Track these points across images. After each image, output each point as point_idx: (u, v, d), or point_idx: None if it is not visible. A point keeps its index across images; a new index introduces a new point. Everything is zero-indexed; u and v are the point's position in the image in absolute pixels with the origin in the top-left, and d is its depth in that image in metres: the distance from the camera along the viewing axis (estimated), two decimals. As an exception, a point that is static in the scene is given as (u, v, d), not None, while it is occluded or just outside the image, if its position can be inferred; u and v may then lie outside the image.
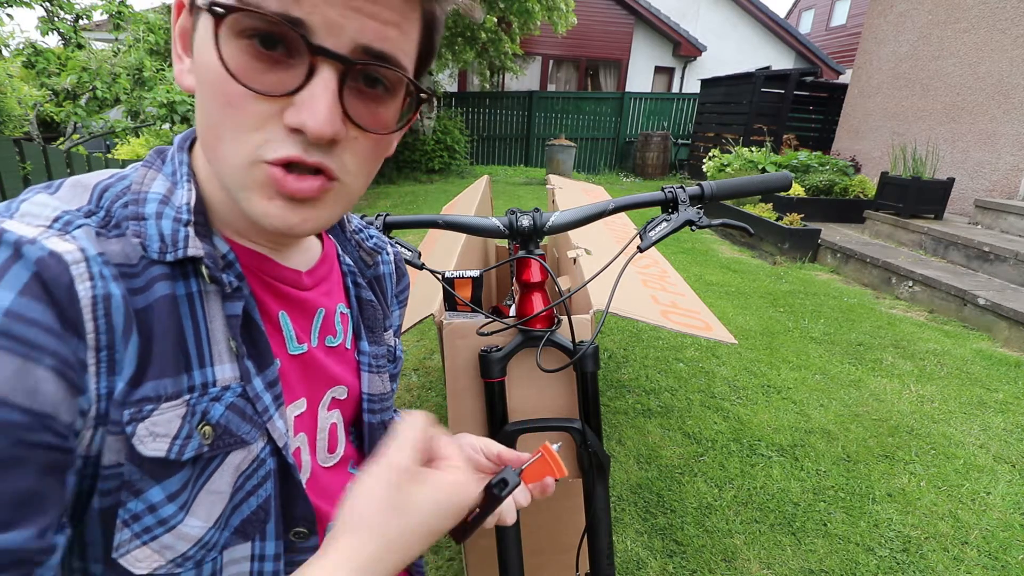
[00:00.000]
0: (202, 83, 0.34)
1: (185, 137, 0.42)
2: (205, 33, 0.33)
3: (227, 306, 0.38)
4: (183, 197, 0.38)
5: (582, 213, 0.81)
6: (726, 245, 5.39)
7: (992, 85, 4.98)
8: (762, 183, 0.81)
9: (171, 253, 0.35)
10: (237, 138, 0.34)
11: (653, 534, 1.69)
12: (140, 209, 0.36)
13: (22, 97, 3.91)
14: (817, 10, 15.98)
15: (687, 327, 0.91)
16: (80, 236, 0.33)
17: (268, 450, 0.40)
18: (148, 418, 0.34)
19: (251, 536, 0.41)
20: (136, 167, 0.40)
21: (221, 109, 0.33)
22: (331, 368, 0.49)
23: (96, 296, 0.31)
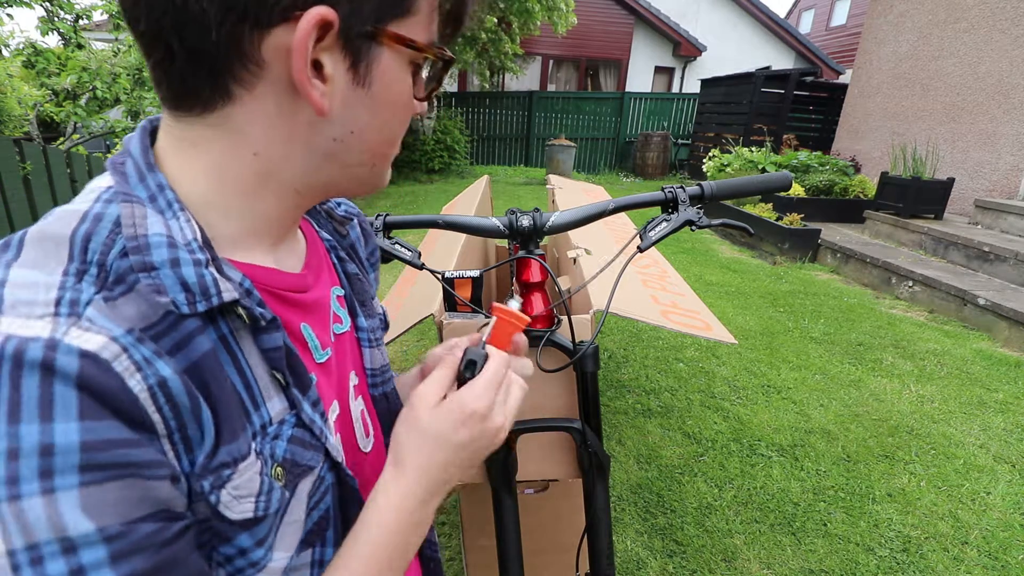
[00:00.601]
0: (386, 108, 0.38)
1: (146, 148, 0.36)
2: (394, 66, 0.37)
3: (263, 339, 0.36)
4: (186, 232, 0.34)
5: (582, 213, 0.81)
6: (726, 245, 5.39)
7: (992, 85, 4.98)
8: (762, 183, 0.81)
9: (202, 303, 0.33)
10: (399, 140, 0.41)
11: (653, 534, 1.69)
12: (147, 259, 0.32)
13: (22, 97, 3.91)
14: (817, 10, 15.99)
15: (687, 327, 0.90)
16: (97, 317, 0.29)
17: (327, 466, 0.42)
18: (228, 483, 0.33)
19: (312, 544, 0.41)
20: (106, 198, 0.34)
21: (402, 124, 0.40)
22: (345, 358, 0.49)
23: (151, 387, 0.29)
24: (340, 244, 0.53)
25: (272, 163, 0.36)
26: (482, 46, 9.09)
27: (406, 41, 0.36)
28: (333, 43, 0.33)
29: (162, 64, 0.33)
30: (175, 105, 0.35)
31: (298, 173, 0.38)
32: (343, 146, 0.37)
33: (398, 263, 0.81)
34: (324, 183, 0.39)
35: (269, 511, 0.36)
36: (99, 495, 0.26)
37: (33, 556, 0.25)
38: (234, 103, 0.34)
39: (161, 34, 0.32)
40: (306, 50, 0.32)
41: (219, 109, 0.34)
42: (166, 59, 0.32)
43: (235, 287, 0.34)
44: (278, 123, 0.35)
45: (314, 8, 0.31)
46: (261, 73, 0.33)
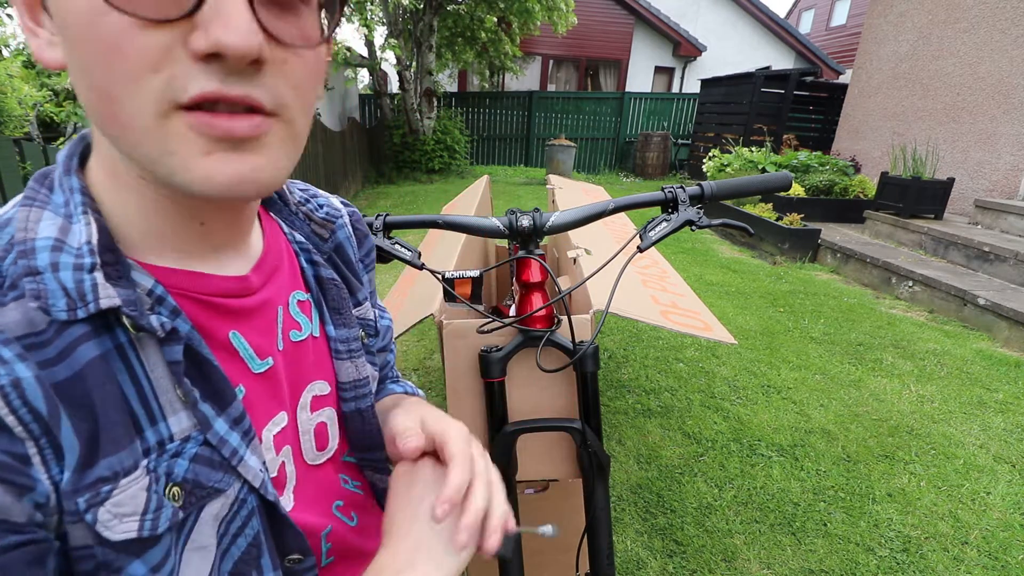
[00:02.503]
0: (75, 40, 0.27)
1: (70, 154, 0.34)
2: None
3: (165, 351, 0.33)
4: (81, 235, 0.31)
5: (582, 213, 0.81)
6: (726, 245, 5.40)
7: (992, 85, 4.98)
8: (762, 183, 0.81)
9: (81, 309, 0.30)
10: (135, 90, 0.27)
11: (653, 534, 1.69)
12: (32, 263, 0.30)
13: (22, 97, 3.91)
14: (817, 10, 15.99)
15: (687, 327, 0.91)
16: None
17: (246, 489, 0.37)
18: (108, 500, 0.30)
19: (247, 574, 0.38)
20: (15, 205, 0.32)
21: (106, 58, 0.26)
22: (303, 367, 0.45)
23: (3, 386, 0.27)
24: (318, 247, 0.49)
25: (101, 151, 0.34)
26: (482, 46, 9.09)
27: None
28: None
29: None
30: None
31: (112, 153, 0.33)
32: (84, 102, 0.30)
33: (398, 263, 0.81)
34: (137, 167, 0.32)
35: (157, 531, 0.32)
36: None
37: None
38: None
39: None
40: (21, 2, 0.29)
41: None
42: None
43: (127, 296, 0.31)
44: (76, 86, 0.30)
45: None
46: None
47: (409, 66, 8.30)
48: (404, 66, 8.18)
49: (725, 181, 0.79)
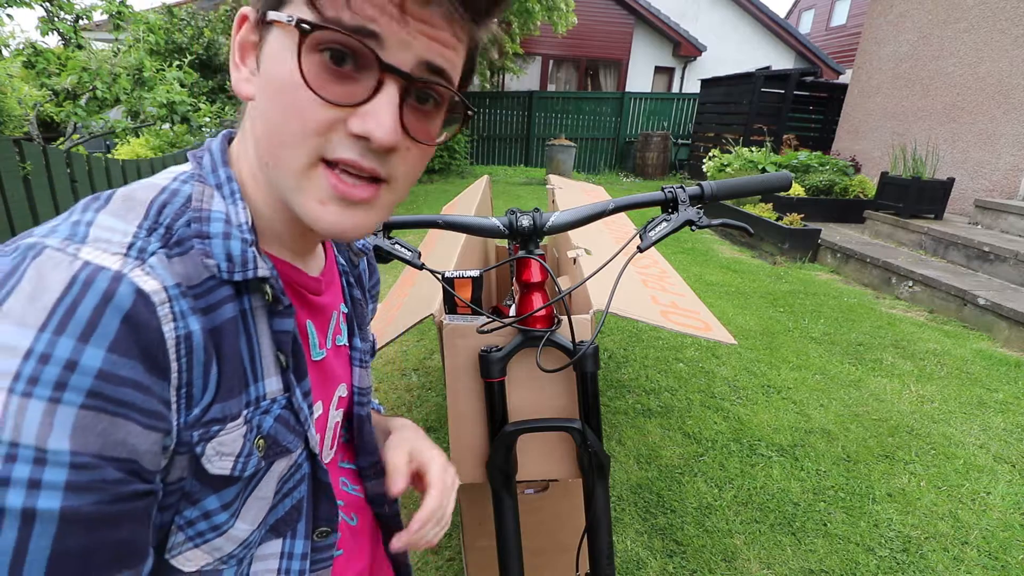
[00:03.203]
0: (272, 92, 0.36)
1: (222, 148, 0.42)
2: (279, 46, 0.35)
3: (277, 322, 0.40)
4: (241, 216, 0.38)
5: (582, 213, 0.81)
6: (726, 245, 5.40)
7: (992, 85, 4.98)
8: (762, 183, 0.81)
9: (240, 273, 0.36)
10: (301, 142, 0.35)
11: (653, 534, 1.69)
12: (205, 228, 0.36)
13: (22, 97, 3.91)
14: (817, 10, 15.98)
15: (687, 327, 0.91)
16: (157, 266, 0.33)
17: (304, 455, 0.44)
18: (215, 438, 0.36)
19: (283, 534, 0.44)
20: (183, 178, 0.39)
21: (291, 116, 0.35)
22: (338, 368, 0.52)
23: (179, 337, 0.33)
24: (351, 272, 0.57)
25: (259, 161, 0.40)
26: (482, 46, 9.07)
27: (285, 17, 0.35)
28: (249, 29, 0.38)
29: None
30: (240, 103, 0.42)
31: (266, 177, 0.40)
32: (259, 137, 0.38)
33: (398, 263, 0.81)
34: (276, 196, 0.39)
35: (244, 474, 0.38)
36: (90, 422, 0.28)
37: (10, 453, 0.26)
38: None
39: None
40: (235, 39, 0.37)
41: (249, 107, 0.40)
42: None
43: (272, 271, 0.39)
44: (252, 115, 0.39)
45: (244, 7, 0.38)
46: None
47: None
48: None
49: (725, 181, 0.79)
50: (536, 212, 0.82)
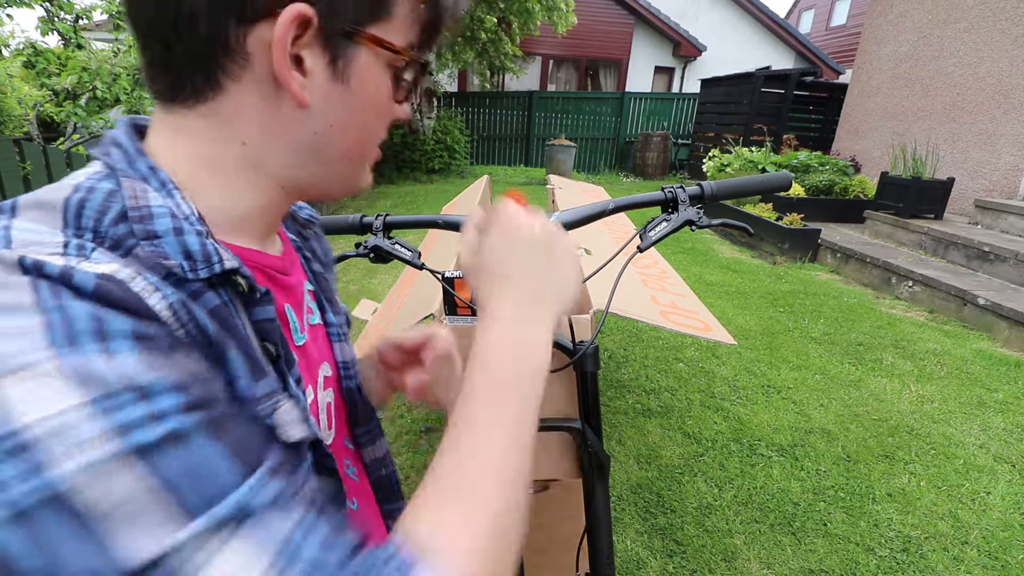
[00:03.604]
0: (363, 106, 0.40)
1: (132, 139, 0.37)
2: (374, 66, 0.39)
3: (257, 311, 0.38)
4: (184, 208, 0.35)
5: (582, 213, 0.81)
6: (726, 245, 5.39)
7: (992, 85, 4.98)
8: (762, 183, 0.81)
9: (204, 269, 0.34)
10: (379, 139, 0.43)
11: (653, 534, 1.69)
12: (150, 226, 0.33)
13: (22, 97, 3.91)
14: (817, 10, 15.99)
15: (686, 327, 0.91)
16: (103, 258, 0.30)
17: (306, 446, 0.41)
18: (278, 410, 0.36)
19: None
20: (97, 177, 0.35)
21: (382, 124, 0.42)
22: (317, 349, 0.50)
23: (172, 304, 0.30)
24: (304, 246, 0.55)
25: (258, 153, 0.38)
26: (482, 46, 9.09)
27: (383, 43, 0.38)
28: (312, 39, 0.36)
29: (158, 58, 0.36)
30: (171, 97, 0.37)
31: (282, 166, 0.39)
32: (323, 140, 0.39)
33: (398, 263, 0.81)
34: (306, 180, 0.41)
35: (316, 435, 0.39)
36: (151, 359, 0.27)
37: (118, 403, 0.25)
38: (223, 94, 0.36)
39: (156, 29, 0.35)
40: (285, 44, 0.34)
41: (209, 100, 0.36)
42: (162, 53, 0.35)
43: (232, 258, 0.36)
44: (263, 114, 0.37)
45: (293, 5, 0.34)
46: (247, 65, 0.36)
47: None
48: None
49: (725, 181, 0.79)
50: None
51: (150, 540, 0.24)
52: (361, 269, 4.07)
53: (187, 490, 0.25)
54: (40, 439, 0.23)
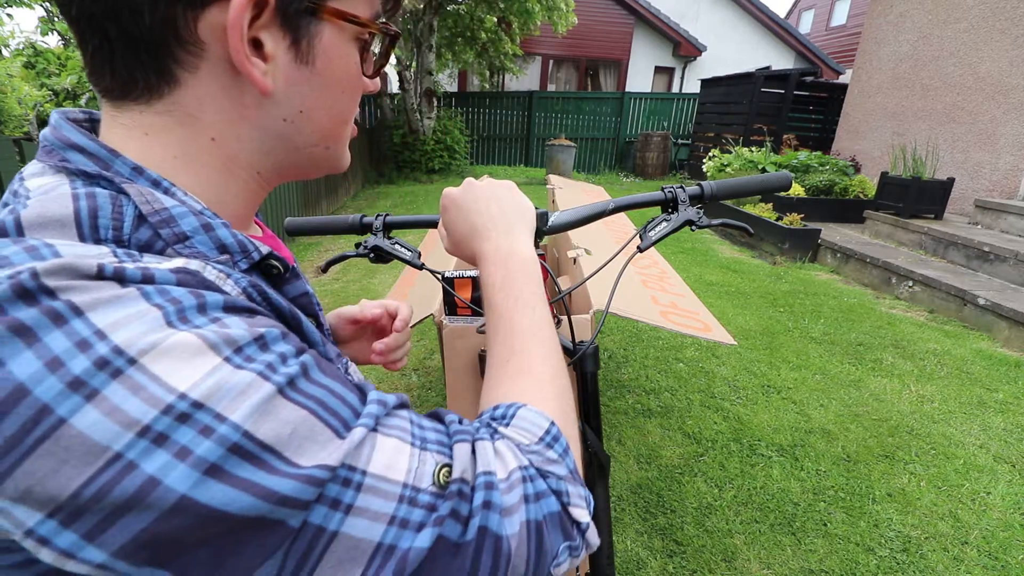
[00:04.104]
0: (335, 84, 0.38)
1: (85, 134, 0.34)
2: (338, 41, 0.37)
3: (289, 288, 0.40)
4: (194, 204, 0.35)
5: (582, 213, 0.81)
6: (726, 245, 5.39)
7: (992, 85, 4.98)
8: (762, 183, 0.81)
9: (243, 259, 0.36)
10: (352, 116, 0.42)
11: (653, 534, 1.69)
12: (177, 229, 0.33)
13: (22, 97, 3.91)
14: (817, 10, 15.99)
15: (686, 328, 0.90)
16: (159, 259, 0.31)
17: None
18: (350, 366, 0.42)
19: None
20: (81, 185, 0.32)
21: (354, 101, 0.41)
22: None
23: (245, 288, 0.33)
24: None
25: (230, 147, 0.37)
26: (482, 46, 9.09)
27: (347, 16, 0.36)
28: (271, 20, 0.33)
29: (100, 51, 0.32)
30: (121, 94, 0.34)
31: (255, 155, 0.38)
32: (293, 127, 0.38)
33: (398, 263, 0.81)
34: (281, 164, 0.40)
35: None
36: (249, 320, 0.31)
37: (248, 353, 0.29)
38: (180, 87, 0.34)
39: (94, 19, 0.31)
40: (241, 28, 0.32)
41: (166, 95, 0.34)
42: (103, 46, 0.32)
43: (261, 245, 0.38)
44: (226, 105, 0.35)
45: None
46: (202, 54, 0.33)
47: (409, 66, 8.30)
48: (404, 66, 8.18)
49: (725, 181, 0.79)
50: None
51: (329, 450, 0.28)
52: (361, 269, 4.07)
53: (335, 409, 0.30)
54: (201, 400, 0.26)
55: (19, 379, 0.24)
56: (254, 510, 0.26)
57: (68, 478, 0.24)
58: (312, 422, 0.29)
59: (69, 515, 0.24)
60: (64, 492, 0.24)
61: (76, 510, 0.24)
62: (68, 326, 0.25)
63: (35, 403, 0.24)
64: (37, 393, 0.24)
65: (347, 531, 0.28)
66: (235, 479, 0.26)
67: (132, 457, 0.24)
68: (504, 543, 0.31)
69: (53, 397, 0.24)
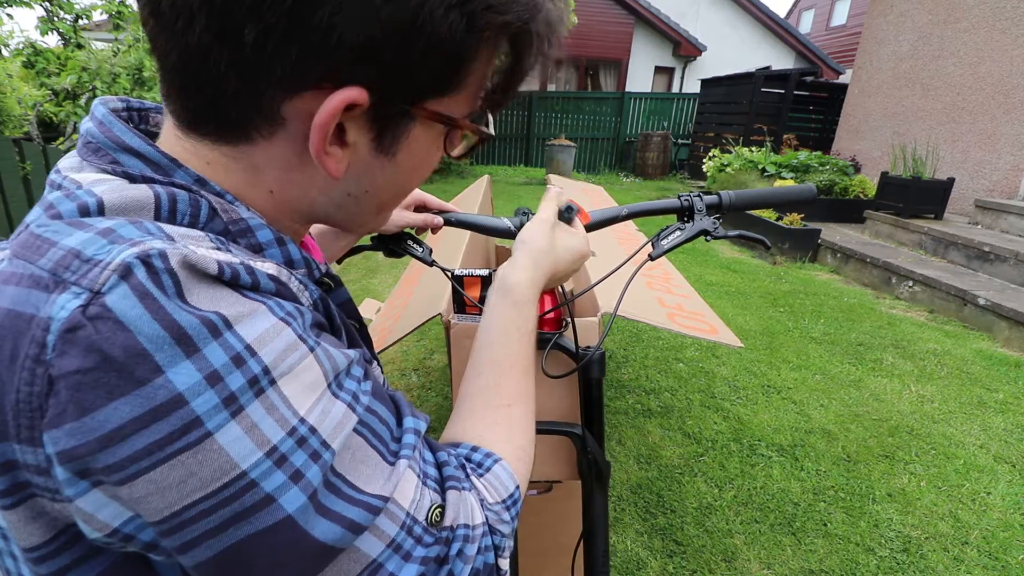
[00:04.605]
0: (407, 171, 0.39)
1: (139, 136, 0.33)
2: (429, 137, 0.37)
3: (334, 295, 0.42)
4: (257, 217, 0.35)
5: (595, 218, 0.79)
6: (726, 246, 5.40)
7: (992, 85, 4.98)
8: (785, 195, 0.78)
9: (316, 271, 0.38)
10: None
11: (653, 534, 1.69)
12: (253, 240, 0.34)
13: (22, 97, 3.90)
14: (817, 10, 15.98)
15: (694, 330, 0.91)
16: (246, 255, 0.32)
17: None
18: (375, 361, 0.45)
19: None
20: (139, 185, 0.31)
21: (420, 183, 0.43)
22: None
23: (315, 301, 0.35)
24: None
25: (286, 202, 0.37)
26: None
27: (443, 118, 0.35)
28: (360, 115, 0.33)
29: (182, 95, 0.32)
30: (191, 126, 0.33)
31: (310, 209, 0.39)
32: (355, 201, 0.39)
33: (398, 263, 0.81)
34: (332, 222, 0.42)
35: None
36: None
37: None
38: (252, 145, 0.33)
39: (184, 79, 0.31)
40: (327, 129, 0.31)
41: (236, 146, 0.33)
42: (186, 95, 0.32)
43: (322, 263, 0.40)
44: (295, 171, 0.35)
45: (345, 90, 0.30)
46: (283, 125, 0.32)
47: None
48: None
49: (745, 191, 0.77)
50: None
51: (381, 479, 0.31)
52: (361, 269, 4.07)
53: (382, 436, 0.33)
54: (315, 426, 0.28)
55: (179, 389, 0.24)
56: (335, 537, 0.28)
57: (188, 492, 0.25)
58: (367, 450, 0.31)
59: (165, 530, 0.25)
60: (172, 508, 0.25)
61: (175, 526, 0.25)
62: (223, 339, 0.26)
63: (189, 415, 0.24)
64: (193, 405, 0.24)
65: (357, 545, 0.30)
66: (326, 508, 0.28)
67: (254, 476, 0.26)
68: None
69: (207, 411, 0.24)
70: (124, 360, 0.23)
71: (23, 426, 0.24)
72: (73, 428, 0.23)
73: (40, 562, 0.27)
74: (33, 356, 0.24)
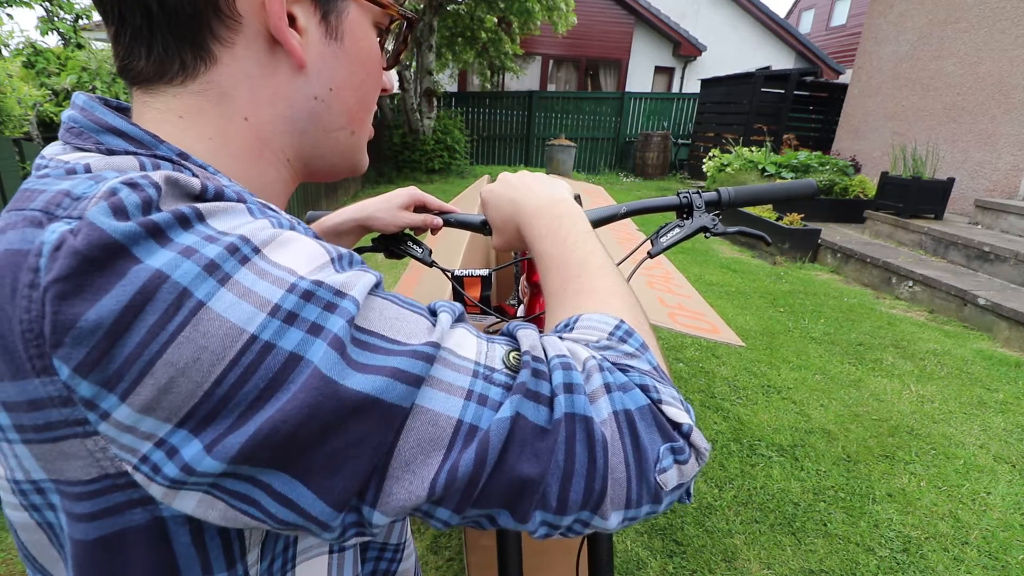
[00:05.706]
0: (360, 64, 0.40)
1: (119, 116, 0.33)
2: (362, 20, 0.39)
3: None
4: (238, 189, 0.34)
5: (595, 216, 0.79)
6: (726, 245, 5.40)
7: (992, 85, 4.98)
8: (785, 191, 0.78)
9: None
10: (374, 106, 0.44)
11: (653, 534, 1.69)
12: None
13: (22, 97, 3.90)
14: (817, 10, 15.99)
15: (695, 329, 0.91)
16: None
17: None
18: None
19: None
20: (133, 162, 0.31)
21: (376, 85, 0.43)
22: None
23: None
24: None
25: (262, 128, 0.38)
26: (482, 46, 9.08)
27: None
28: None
29: (141, 32, 0.33)
30: (156, 76, 0.34)
31: (286, 136, 0.39)
32: (323, 105, 0.39)
33: (398, 263, 0.81)
34: (310, 153, 0.41)
35: None
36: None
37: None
38: (216, 64, 0.34)
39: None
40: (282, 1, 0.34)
41: (202, 74, 0.34)
42: (144, 25, 0.33)
43: None
44: (260, 82, 0.36)
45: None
46: (239, 28, 0.34)
47: (409, 66, 8.29)
48: (404, 66, 8.17)
49: (744, 188, 0.77)
50: None
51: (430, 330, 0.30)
52: (361, 269, 4.07)
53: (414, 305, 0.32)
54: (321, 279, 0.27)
55: (156, 266, 0.24)
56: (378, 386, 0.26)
57: (208, 368, 0.24)
58: (397, 309, 0.30)
59: (201, 420, 0.24)
60: (200, 389, 0.24)
61: (210, 412, 0.24)
62: (194, 228, 0.26)
63: (175, 287, 0.24)
64: (176, 277, 0.24)
65: (423, 403, 0.27)
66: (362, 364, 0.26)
67: (267, 338, 0.25)
68: (596, 428, 0.29)
69: (191, 281, 0.24)
70: (103, 257, 0.24)
71: (34, 356, 0.24)
72: (73, 338, 0.23)
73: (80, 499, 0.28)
74: (28, 282, 0.24)
